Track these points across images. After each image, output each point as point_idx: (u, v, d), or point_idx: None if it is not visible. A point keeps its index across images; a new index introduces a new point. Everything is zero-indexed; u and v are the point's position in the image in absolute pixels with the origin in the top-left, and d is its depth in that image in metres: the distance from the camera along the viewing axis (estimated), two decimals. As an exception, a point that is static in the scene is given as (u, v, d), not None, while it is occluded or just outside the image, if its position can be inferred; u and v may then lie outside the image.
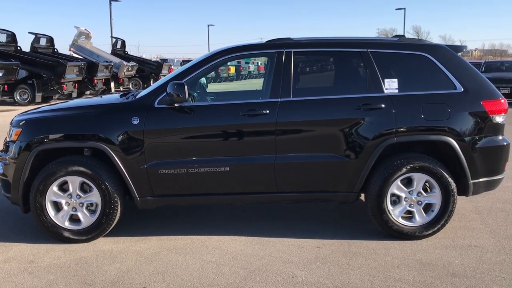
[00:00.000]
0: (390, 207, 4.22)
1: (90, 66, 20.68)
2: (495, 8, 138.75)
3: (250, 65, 41.20)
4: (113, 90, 22.83)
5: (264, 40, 4.70)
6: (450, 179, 4.18)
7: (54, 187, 4.19)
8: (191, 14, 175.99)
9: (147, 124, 4.14)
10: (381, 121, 4.16)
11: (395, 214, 4.23)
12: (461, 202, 5.18)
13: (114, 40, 27.85)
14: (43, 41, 20.83)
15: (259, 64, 41.45)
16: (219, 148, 4.21)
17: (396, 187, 4.21)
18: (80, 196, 4.22)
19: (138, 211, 4.94)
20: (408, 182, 4.24)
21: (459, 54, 4.52)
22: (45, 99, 18.39)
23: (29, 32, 20.41)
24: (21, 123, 4.33)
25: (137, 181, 4.20)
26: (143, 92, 4.49)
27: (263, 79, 5.48)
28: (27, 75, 18.68)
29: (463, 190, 4.30)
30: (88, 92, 21.24)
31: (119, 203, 4.22)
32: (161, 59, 41.34)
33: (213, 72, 20.04)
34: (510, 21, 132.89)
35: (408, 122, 4.17)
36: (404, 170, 4.15)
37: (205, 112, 4.29)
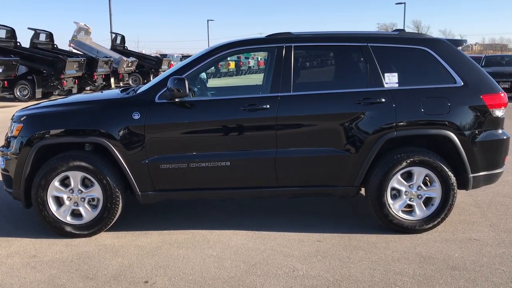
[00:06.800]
0: (390, 201, 4.24)
1: (90, 62, 20.66)
2: (495, 2, 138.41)
3: (250, 60, 41.13)
4: (113, 85, 22.81)
5: (264, 35, 4.69)
6: (450, 173, 4.19)
7: (56, 182, 4.20)
8: (190, 9, 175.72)
9: (148, 119, 4.15)
10: (381, 115, 4.16)
11: (395, 208, 4.25)
12: (461, 196, 5.20)
13: (113, 35, 27.80)
14: (42, 37, 20.79)
15: (259, 59, 41.39)
16: (220, 143, 4.22)
17: (396, 181, 4.22)
18: (82, 191, 4.23)
19: (140, 205, 4.96)
20: (408, 176, 4.26)
21: (459, 48, 4.52)
22: (45, 95, 18.36)
23: (28, 28, 20.39)
24: (22, 119, 4.34)
25: (138, 175, 4.21)
26: (144, 87, 4.50)
27: (263, 74, 5.48)
28: (27, 71, 18.68)
29: (463, 184, 4.32)
30: (88, 88, 21.22)
31: (120, 197, 4.24)
32: (160, 55, 41.31)
33: (213, 67, 20.03)
34: (510, 16, 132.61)
35: (408, 116, 4.18)
36: (404, 164, 4.16)
37: (206, 107, 4.29)
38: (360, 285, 3.36)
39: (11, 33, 18.73)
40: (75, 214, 4.30)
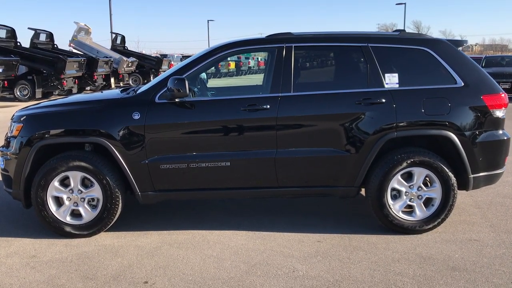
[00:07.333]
0: (390, 201, 4.23)
1: (90, 62, 20.66)
2: (496, 2, 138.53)
3: (250, 60, 41.15)
4: (113, 85, 22.81)
5: (264, 35, 4.69)
6: (450, 174, 4.19)
7: (56, 182, 4.20)
8: (191, 9, 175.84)
9: (148, 119, 4.14)
10: (381, 115, 4.16)
11: (396, 208, 4.24)
12: (461, 197, 5.19)
13: (114, 35, 27.82)
14: (42, 37, 20.78)
15: (259, 60, 41.40)
16: (220, 143, 4.22)
17: (397, 182, 4.22)
18: (82, 191, 4.23)
19: (140, 205, 4.95)
20: (408, 177, 4.25)
21: (460, 48, 4.51)
22: (45, 95, 18.36)
23: (28, 28, 20.38)
24: (22, 119, 4.34)
25: (138, 176, 4.21)
26: (144, 87, 4.50)
27: (263, 74, 5.47)
28: (27, 71, 18.68)
29: (463, 185, 4.31)
30: (88, 88, 21.22)
31: (120, 198, 4.24)
32: (161, 55, 41.35)
33: (213, 68, 20.02)
34: (511, 16, 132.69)
35: (408, 117, 4.17)
36: (404, 164, 4.16)
37: (206, 107, 4.29)
38: (360, 285, 3.36)
39: (11, 33, 18.71)
40: (75, 214, 4.30)
